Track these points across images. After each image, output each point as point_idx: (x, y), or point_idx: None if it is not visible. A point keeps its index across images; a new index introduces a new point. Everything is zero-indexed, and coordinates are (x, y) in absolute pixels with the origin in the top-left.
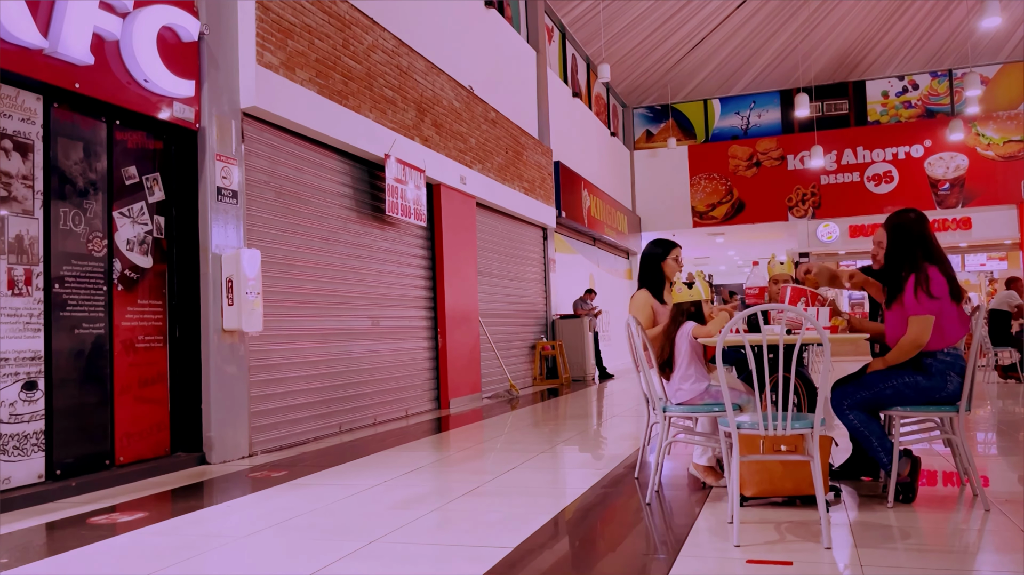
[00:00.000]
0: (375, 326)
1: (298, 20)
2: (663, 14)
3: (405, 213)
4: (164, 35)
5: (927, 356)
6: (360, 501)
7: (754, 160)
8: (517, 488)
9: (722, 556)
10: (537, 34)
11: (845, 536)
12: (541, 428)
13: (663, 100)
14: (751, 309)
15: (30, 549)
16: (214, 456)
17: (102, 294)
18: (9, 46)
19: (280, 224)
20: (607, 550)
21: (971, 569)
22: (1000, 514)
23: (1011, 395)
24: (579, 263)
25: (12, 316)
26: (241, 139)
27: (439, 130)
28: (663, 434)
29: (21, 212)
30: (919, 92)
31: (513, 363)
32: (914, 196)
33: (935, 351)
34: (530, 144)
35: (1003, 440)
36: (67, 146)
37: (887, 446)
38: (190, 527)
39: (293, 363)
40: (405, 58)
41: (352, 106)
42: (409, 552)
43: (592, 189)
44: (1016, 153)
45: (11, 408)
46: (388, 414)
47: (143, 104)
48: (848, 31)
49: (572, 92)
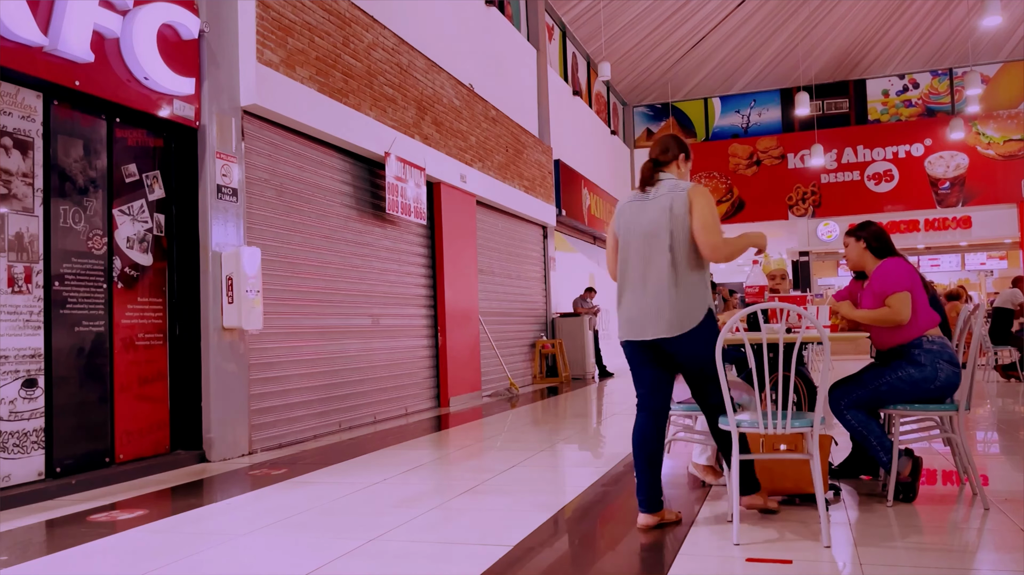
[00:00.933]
0: (375, 324)
1: (298, 18)
2: (663, 12)
3: (405, 211)
4: (164, 33)
5: (913, 347)
6: (360, 499)
7: (754, 159)
8: (517, 486)
9: (721, 554)
10: (537, 32)
11: (845, 535)
12: (541, 426)
13: (663, 98)
14: (750, 308)
15: (30, 547)
16: (214, 454)
17: (102, 292)
18: (9, 43)
19: (280, 222)
20: (607, 548)
21: (970, 568)
22: (999, 513)
23: (1011, 394)
24: (579, 261)
25: (12, 314)
26: (241, 137)
27: (439, 128)
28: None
29: (21, 210)
30: (919, 91)
31: (513, 361)
32: (914, 195)
33: (919, 339)
34: (530, 142)
35: (1003, 439)
36: (67, 144)
37: (886, 445)
38: (190, 525)
39: (293, 361)
40: (405, 56)
41: (352, 104)
42: (409, 550)
43: (592, 187)
44: (1016, 152)
45: (11, 406)
46: (388, 412)
47: (143, 102)
48: (849, 29)
49: (572, 90)
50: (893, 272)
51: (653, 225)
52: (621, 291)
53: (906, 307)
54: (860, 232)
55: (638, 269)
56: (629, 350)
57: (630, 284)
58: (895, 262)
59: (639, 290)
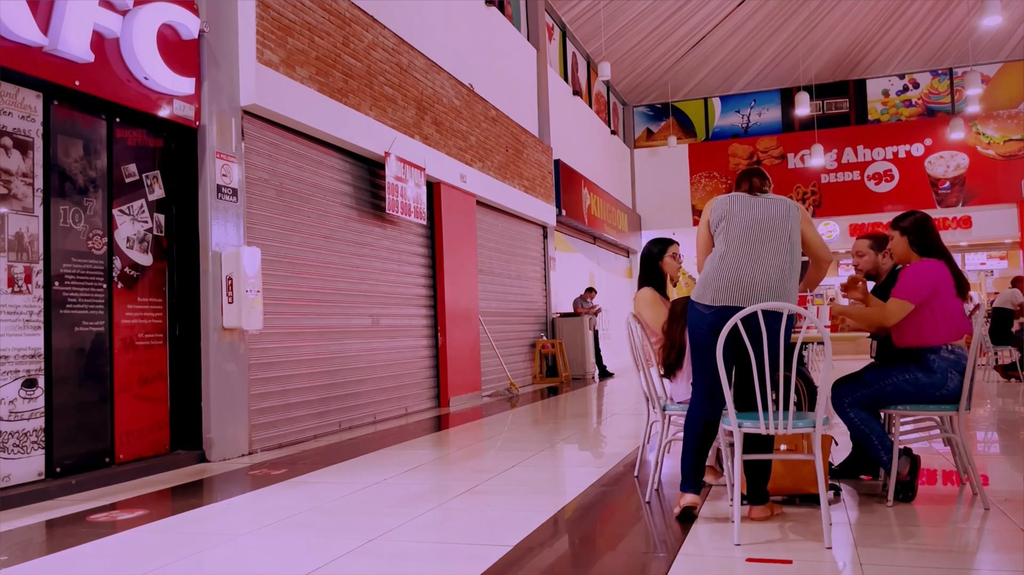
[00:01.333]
0: (375, 324)
1: (298, 17)
2: (663, 12)
3: (405, 211)
4: (164, 33)
5: (931, 352)
6: (360, 499)
7: (754, 159)
8: (517, 486)
9: (722, 555)
10: (537, 32)
11: (845, 535)
12: (541, 426)
13: (663, 98)
14: (750, 307)
15: (30, 547)
16: (214, 454)
17: (102, 292)
18: (9, 43)
19: (280, 222)
20: (607, 548)
21: (970, 568)
22: (1000, 513)
23: (1011, 394)
24: (579, 261)
25: (12, 314)
26: (241, 137)
27: (439, 128)
28: (663, 432)
29: (21, 210)
30: (919, 91)
31: (513, 361)
32: (914, 195)
33: (939, 347)
34: (530, 142)
35: (1003, 439)
36: (67, 144)
37: (887, 444)
38: (190, 525)
39: (293, 361)
40: (405, 56)
41: (352, 104)
42: (408, 550)
43: (592, 187)
44: (1016, 152)
45: (11, 406)
46: (388, 412)
47: (143, 102)
48: (849, 29)
49: (572, 90)
50: (917, 277)
51: (772, 220)
52: (721, 262)
53: (897, 314)
54: (901, 223)
55: (750, 248)
56: (711, 329)
57: (734, 259)
58: (926, 266)
59: (748, 264)
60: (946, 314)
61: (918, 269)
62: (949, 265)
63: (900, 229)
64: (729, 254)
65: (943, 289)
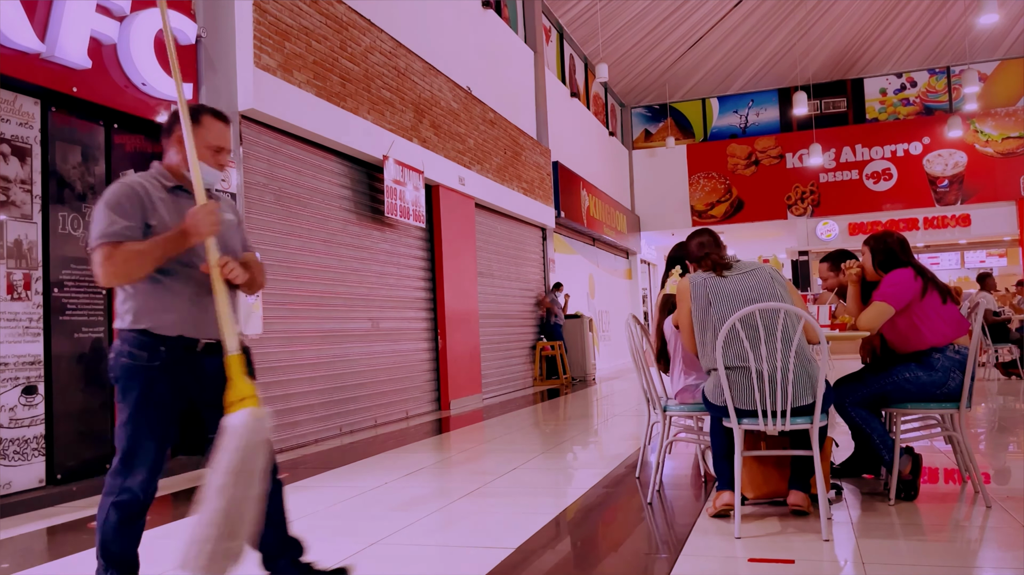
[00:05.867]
0: (375, 328)
1: (295, 22)
2: (660, 13)
3: (404, 214)
4: (161, 38)
5: (936, 351)
6: (361, 503)
7: (753, 159)
8: (518, 489)
9: (724, 555)
10: (535, 34)
11: (847, 533)
12: (542, 428)
13: (661, 99)
14: (749, 307)
15: (31, 554)
16: None
17: (101, 298)
18: (6, 50)
19: (279, 226)
20: (609, 550)
21: (973, 566)
22: (1001, 511)
23: (1012, 392)
24: (578, 263)
25: (11, 321)
26: (239, 142)
27: (437, 131)
28: (664, 433)
29: (20, 217)
30: (917, 89)
31: (513, 364)
32: (913, 193)
33: (944, 347)
34: (528, 144)
35: (1004, 437)
36: (65, 150)
37: (888, 443)
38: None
39: (293, 365)
40: (403, 59)
41: (350, 108)
42: (411, 554)
43: (591, 189)
44: (1015, 149)
45: (11, 413)
46: (389, 416)
47: (141, 107)
48: (846, 29)
49: (570, 92)
50: (893, 284)
51: (762, 294)
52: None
53: (877, 320)
54: (867, 240)
55: (753, 332)
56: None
57: (738, 347)
58: (900, 275)
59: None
60: (943, 315)
61: (893, 277)
62: (920, 272)
63: (866, 244)
64: (726, 351)
65: (918, 294)
